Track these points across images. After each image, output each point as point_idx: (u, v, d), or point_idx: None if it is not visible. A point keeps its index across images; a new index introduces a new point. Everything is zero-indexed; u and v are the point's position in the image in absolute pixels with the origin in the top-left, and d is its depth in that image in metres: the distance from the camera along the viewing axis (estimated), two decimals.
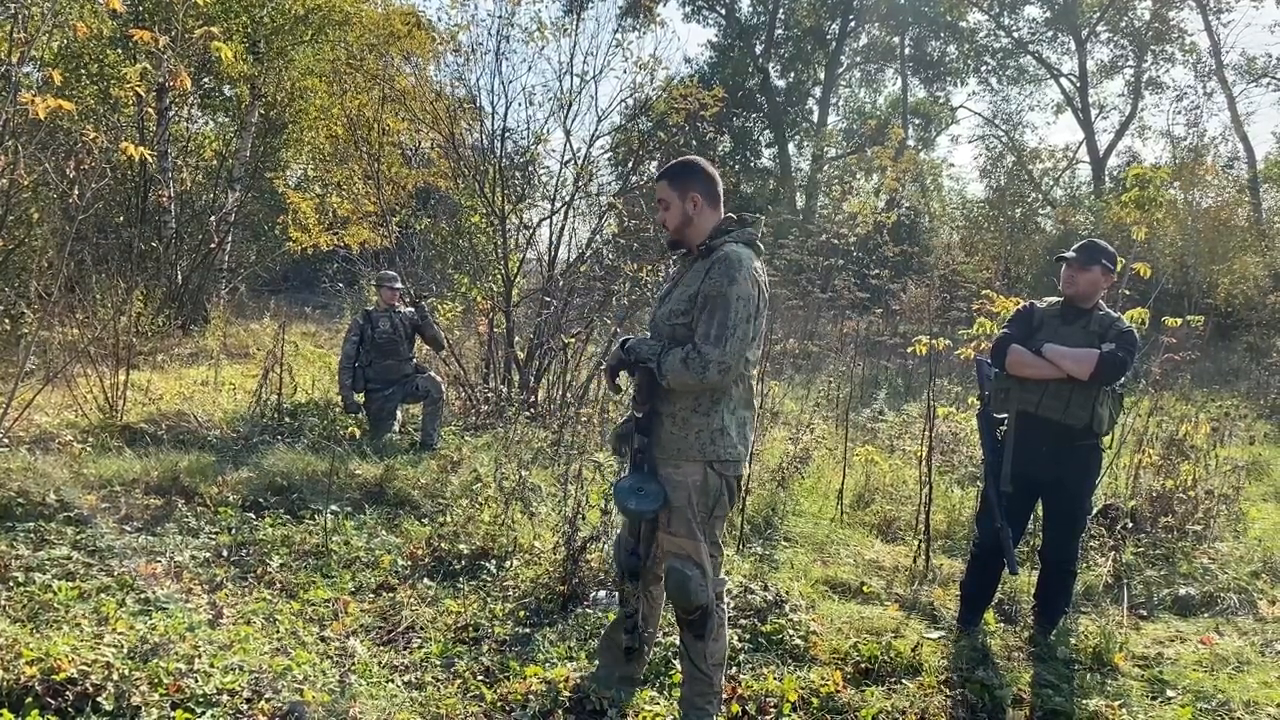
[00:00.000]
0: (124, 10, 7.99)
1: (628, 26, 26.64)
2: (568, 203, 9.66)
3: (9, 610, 3.89)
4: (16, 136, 7.09)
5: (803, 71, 35.22)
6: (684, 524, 3.18)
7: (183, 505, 5.59)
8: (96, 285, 8.45)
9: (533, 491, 5.77)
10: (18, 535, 4.79)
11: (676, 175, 3.30)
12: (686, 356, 3.04)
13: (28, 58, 8.46)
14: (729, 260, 3.09)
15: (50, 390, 6.65)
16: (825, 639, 4.07)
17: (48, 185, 9.82)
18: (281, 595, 4.35)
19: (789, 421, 8.41)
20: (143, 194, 14.02)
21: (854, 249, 12.19)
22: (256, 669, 3.46)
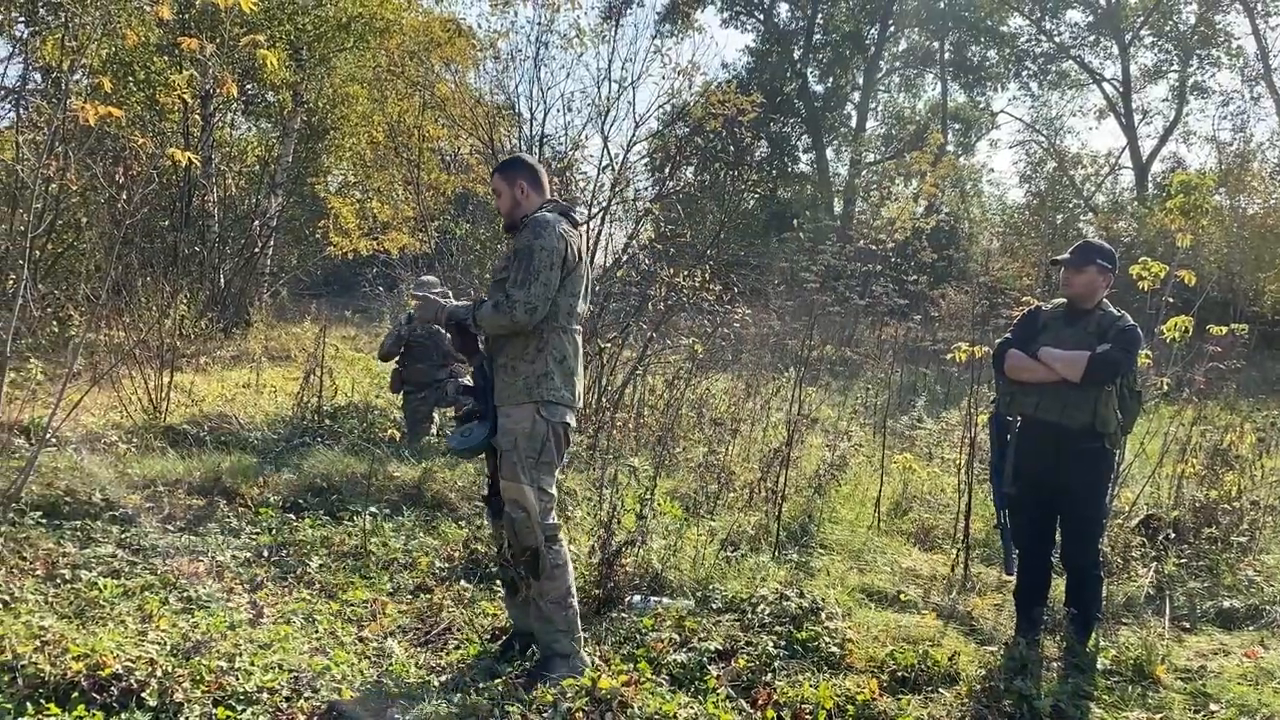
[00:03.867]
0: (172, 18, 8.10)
1: (666, 32, 26.68)
2: (605, 208, 9.69)
3: (56, 607, 3.98)
4: (67, 142, 7.24)
5: (841, 76, 35.07)
6: (511, 468, 3.50)
7: (224, 505, 5.67)
8: (142, 289, 8.59)
9: (568, 495, 5.79)
10: (65, 533, 4.88)
11: (506, 168, 3.80)
12: (497, 302, 3.46)
13: (79, 65, 8.64)
14: (537, 221, 3.55)
15: (97, 391, 6.77)
16: (861, 647, 4.04)
17: (96, 190, 10.02)
18: (320, 595, 4.40)
19: (826, 428, 8.38)
20: (187, 199, 14.26)
21: (892, 255, 12.12)
22: (296, 668, 3.51)
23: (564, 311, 3.57)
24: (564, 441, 3.64)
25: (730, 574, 4.77)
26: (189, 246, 13.63)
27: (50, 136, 6.48)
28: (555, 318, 3.55)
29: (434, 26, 15.60)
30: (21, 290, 5.48)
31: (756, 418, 8.03)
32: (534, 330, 3.50)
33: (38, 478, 5.31)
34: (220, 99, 14.29)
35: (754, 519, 5.77)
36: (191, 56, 10.85)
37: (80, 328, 7.42)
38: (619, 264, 9.79)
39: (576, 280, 3.61)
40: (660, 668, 3.75)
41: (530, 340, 3.50)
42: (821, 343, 12.02)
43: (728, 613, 4.31)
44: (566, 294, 3.56)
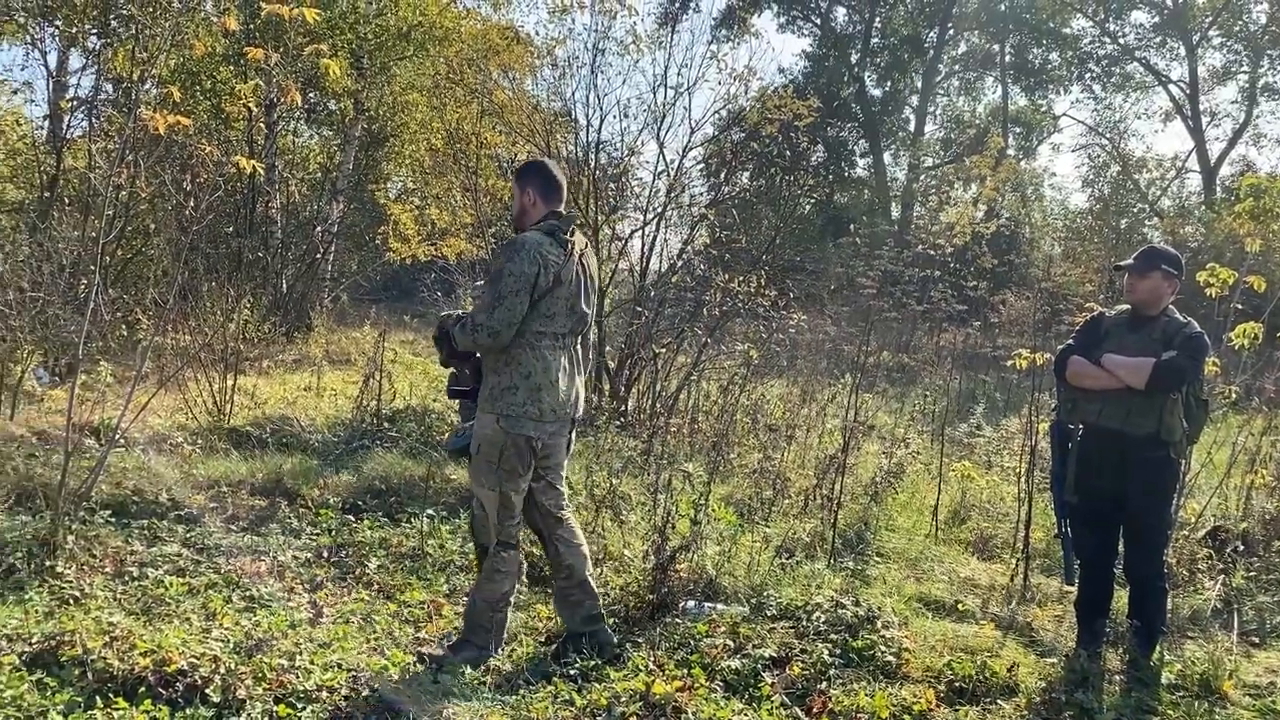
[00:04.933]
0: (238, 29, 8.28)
1: (722, 38, 26.67)
2: (660, 214, 9.70)
3: (124, 603, 4.08)
4: (137, 151, 7.45)
5: (899, 80, 34.73)
6: (474, 470, 3.74)
7: (285, 506, 5.77)
8: (207, 293, 8.79)
9: (623, 500, 5.80)
10: (133, 532, 5.00)
11: (521, 172, 3.88)
12: (464, 323, 3.62)
13: (149, 75, 8.87)
14: (513, 243, 3.65)
15: (164, 394, 6.93)
16: (918, 656, 4.00)
17: (164, 197, 10.28)
18: (379, 596, 4.46)
19: (883, 435, 8.29)
20: (252, 205, 14.56)
21: (951, 260, 11.97)
22: (354, 667, 3.56)
23: (533, 330, 3.66)
24: (527, 452, 3.73)
25: (785, 581, 4.74)
26: (253, 252, 13.92)
27: (121, 145, 6.68)
28: (523, 335, 3.66)
29: (492, 34, 15.76)
30: (93, 295, 5.63)
31: (812, 424, 7.97)
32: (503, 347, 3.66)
33: (107, 477, 5.45)
34: (284, 107, 14.57)
35: (809, 526, 5.73)
36: (256, 66, 11.08)
37: (148, 331, 7.61)
38: (674, 269, 9.79)
39: (552, 301, 3.68)
40: (714, 674, 3.75)
41: (500, 354, 3.65)
42: (878, 349, 11.90)
43: (782, 620, 4.29)
44: (539, 314, 3.65)
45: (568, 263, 3.74)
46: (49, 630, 3.60)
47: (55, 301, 7.97)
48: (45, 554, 4.32)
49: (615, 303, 9.66)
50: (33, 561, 4.25)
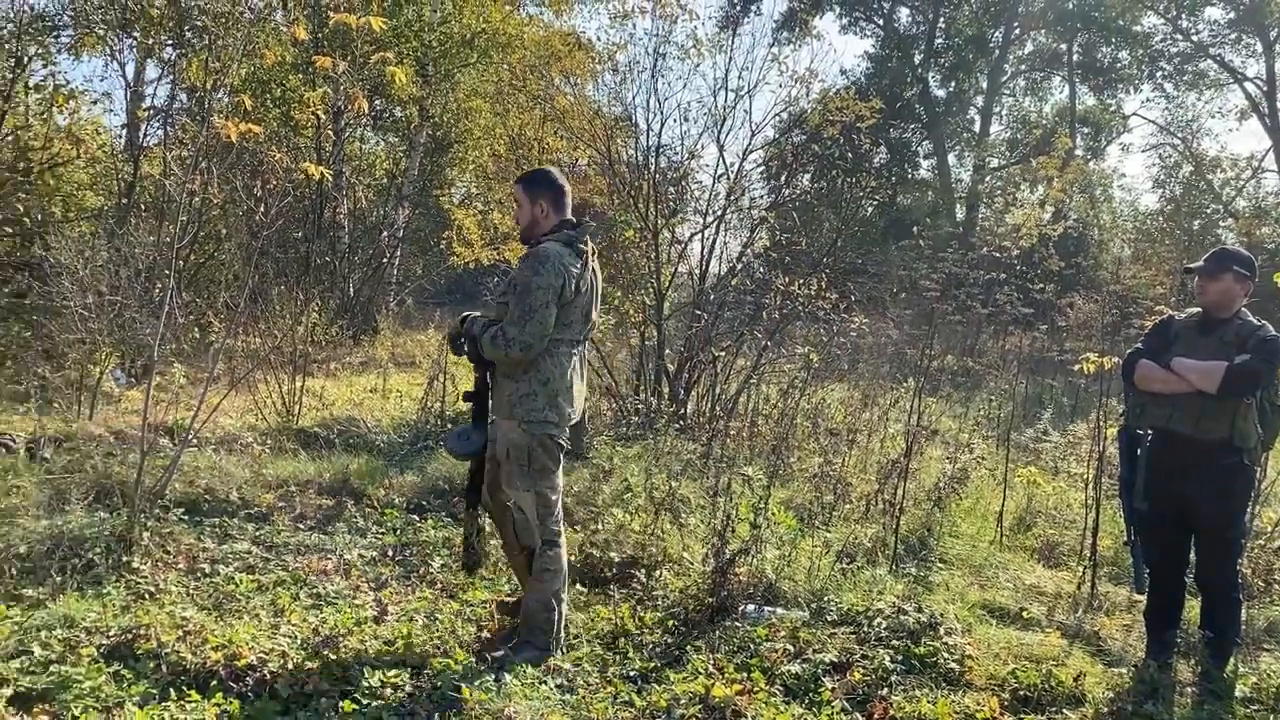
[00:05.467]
0: (306, 38, 8.49)
1: (783, 40, 26.53)
2: (719, 217, 9.69)
3: (197, 599, 4.20)
4: (209, 158, 7.65)
5: (964, 80, 34.22)
6: (507, 476, 3.75)
7: (352, 506, 5.88)
8: (277, 297, 8.98)
9: (682, 503, 5.81)
10: (205, 529, 5.14)
11: (531, 182, 3.90)
12: (494, 335, 3.62)
13: (221, 84, 9.11)
14: (538, 255, 3.65)
15: (235, 395, 7.11)
16: (981, 664, 3.94)
17: (235, 203, 10.54)
18: (442, 595, 4.52)
19: (947, 440, 8.19)
20: (320, 211, 14.85)
21: (1017, 262, 11.77)
22: (418, 665, 3.62)
23: (552, 339, 3.71)
24: (555, 449, 3.82)
25: (846, 586, 4.71)
26: (321, 257, 14.19)
27: (195, 153, 6.86)
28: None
29: (554, 40, 15.90)
30: (168, 298, 5.79)
31: (874, 429, 7.90)
32: None
33: (180, 476, 5.61)
34: (351, 115, 14.84)
35: (871, 531, 5.68)
36: (325, 74, 11.31)
37: (220, 334, 7.80)
38: (733, 272, 9.78)
39: (572, 309, 3.75)
40: (774, 678, 3.74)
41: (511, 365, 3.69)
42: (942, 352, 11.75)
43: (843, 625, 4.26)
44: (559, 323, 3.70)
45: (584, 271, 3.80)
46: (126, 624, 3.72)
47: (132, 305, 8.21)
48: (122, 550, 4.46)
49: (674, 306, 9.66)
50: (110, 557, 4.39)
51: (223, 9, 9.63)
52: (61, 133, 10.80)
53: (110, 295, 8.10)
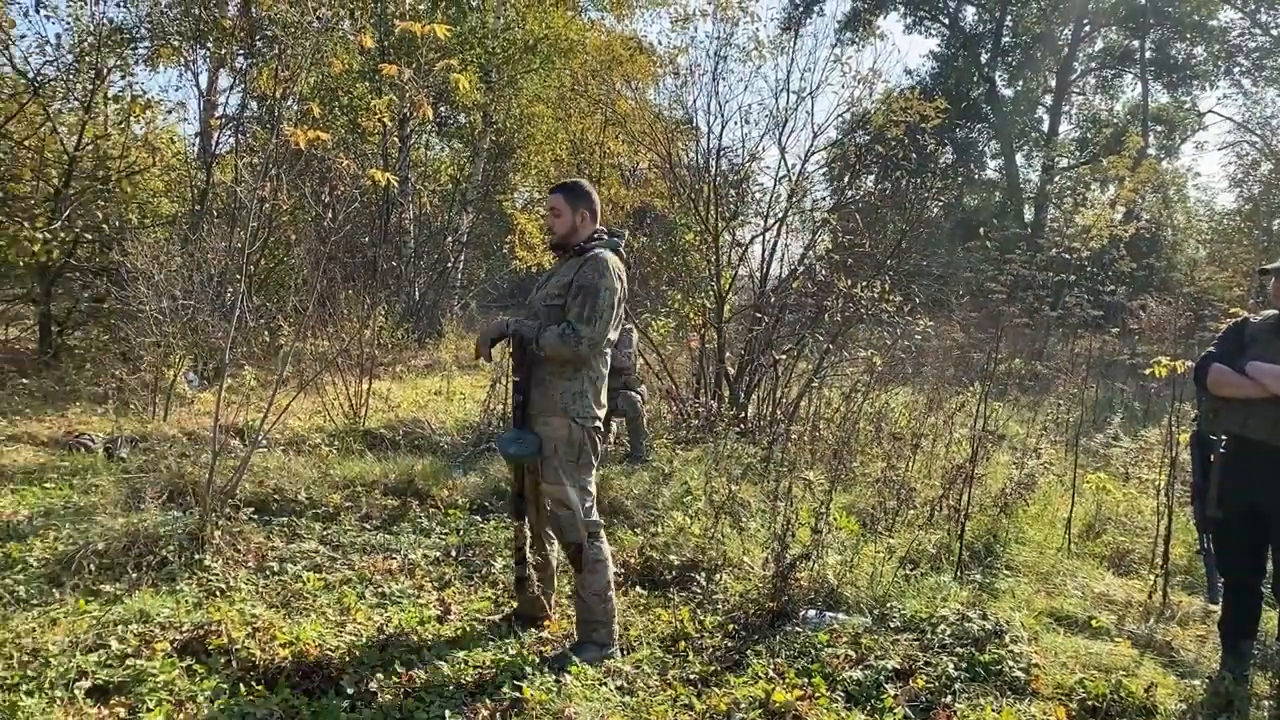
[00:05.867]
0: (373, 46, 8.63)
1: (846, 41, 26.28)
2: (781, 219, 9.65)
3: (266, 596, 4.29)
4: (279, 165, 7.82)
5: (1031, 79, 33.63)
6: (553, 472, 3.81)
7: (416, 506, 5.97)
8: (344, 301, 9.15)
9: (742, 507, 5.79)
10: (274, 528, 5.26)
11: (572, 192, 4.01)
12: (563, 332, 3.72)
13: (290, 93, 9.30)
14: (599, 259, 3.81)
15: (303, 397, 7.25)
16: (1048, 673, 3.86)
17: (304, 209, 10.76)
18: (504, 595, 4.56)
19: (1014, 445, 8.04)
20: (386, 216, 15.09)
21: (1087, 264, 11.51)
22: (480, 664, 3.66)
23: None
24: (598, 443, 3.94)
25: (909, 592, 4.65)
26: (387, 261, 14.42)
27: (265, 160, 7.02)
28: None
29: (615, 45, 15.96)
30: (238, 303, 5.93)
31: (938, 433, 7.79)
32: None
33: (250, 476, 5.74)
34: (416, 122, 15.05)
35: (935, 537, 5.60)
36: (391, 81, 11.48)
37: (289, 337, 7.97)
38: (795, 275, 9.72)
39: (618, 312, 3.91)
40: (835, 684, 3.70)
41: (569, 363, 3.81)
42: (1009, 356, 11.55)
43: (906, 632, 4.21)
44: (612, 326, 3.87)
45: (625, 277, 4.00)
46: (198, 620, 3.82)
47: (204, 309, 8.43)
48: (194, 548, 4.58)
49: (734, 309, 9.64)
50: (183, 555, 4.51)
51: (292, 19, 9.83)
52: (138, 141, 11.12)
53: (184, 300, 8.33)
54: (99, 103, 10.74)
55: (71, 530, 4.88)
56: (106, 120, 10.89)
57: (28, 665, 3.40)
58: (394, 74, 5.48)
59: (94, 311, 10.39)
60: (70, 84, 10.76)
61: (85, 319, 10.62)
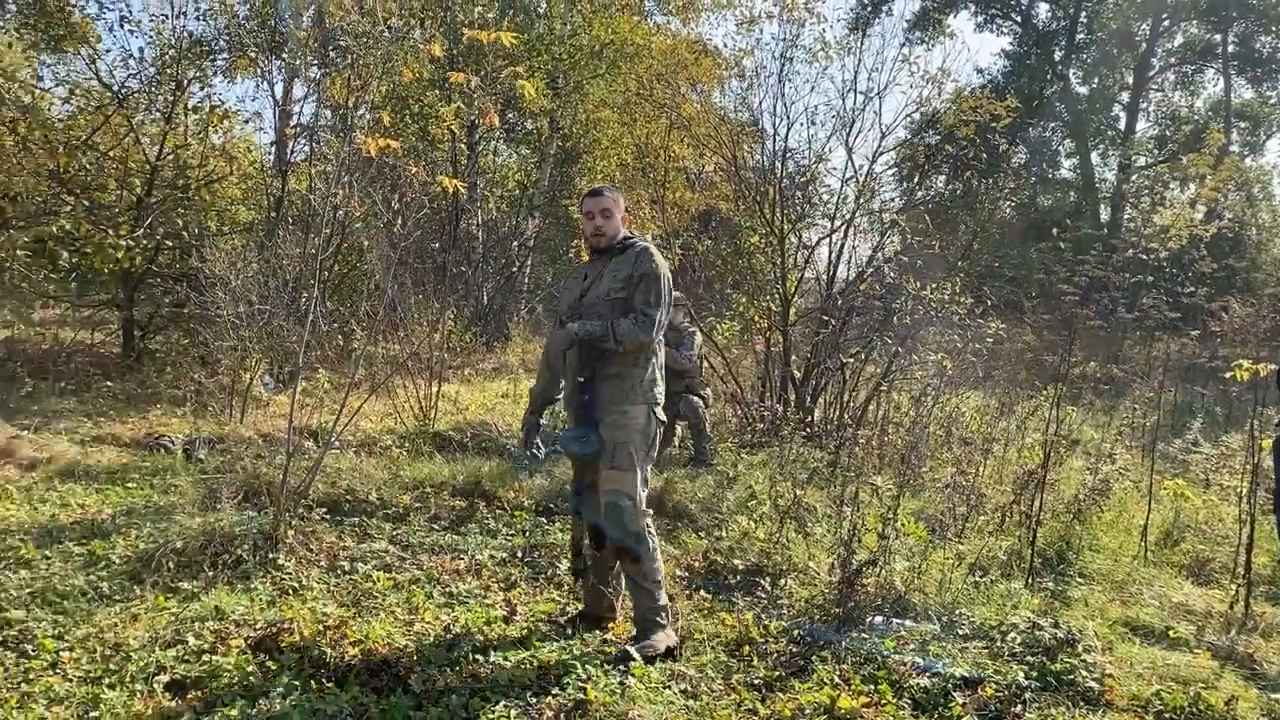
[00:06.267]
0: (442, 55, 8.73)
1: (915, 40, 25.93)
2: (848, 220, 9.56)
3: (337, 595, 4.38)
4: (351, 173, 7.97)
5: (1108, 76, 32.81)
6: (627, 458, 3.88)
7: (483, 508, 6.04)
8: (415, 305, 9.30)
9: (808, 511, 5.75)
10: (345, 528, 5.37)
11: (617, 193, 4.21)
12: (636, 319, 3.87)
13: (362, 101, 9.48)
14: (650, 250, 4.01)
15: (374, 399, 7.39)
16: (1123, 683, 3.77)
17: (376, 215, 10.96)
18: (569, 597, 4.59)
19: (1088, 450, 7.86)
20: (455, 222, 15.30)
21: (1166, 264, 11.20)
22: (545, 665, 3.69)
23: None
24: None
25: (979, 599, 4.58)
26: (456, 266, 14.61)
27: (337, 168, 7.16)
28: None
29: (681, 49, 15.97)
30: (312, 308, 6.06)
31: (1010, 438, 7.64)
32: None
33: (323, 477, 5.87)
34: (484, 129, 15.23)
35: (1006, 544, 5.51)
36: (459, 89, 11.64)
37: (361, 341, 8.12)
38: (862, 277, 9.62)
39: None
40: (902, 691, 3.66)
41: (640, 350, 3.96)
42: (1084, 359, 11.28)
43: (975, 639, 4.14)
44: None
45: None
46: (271, 617, 3.91)
47: (280, 314, 8.63)
48: (268, 547, 4.70)
49: (800, 312, 9.57)
50: (258, 554, 4.63)
51: (364, 29, 10.02)
52: (217, 151, 11.44)
53: (260, 305, 8.53)
54: (179, 113, 11.07)
55: (152, 529, 5.04)
56: (186, 130, 11.23)
57: (110, 659, 3.53)
58: (462, 82, 5.55)
59: (174, 316, 10.71)
60: (152, 96, 11.12)
61: (166, 324, 10.95)
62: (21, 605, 3.96)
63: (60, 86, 11.36)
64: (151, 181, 10.65)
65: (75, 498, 5.76)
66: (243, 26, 12.13)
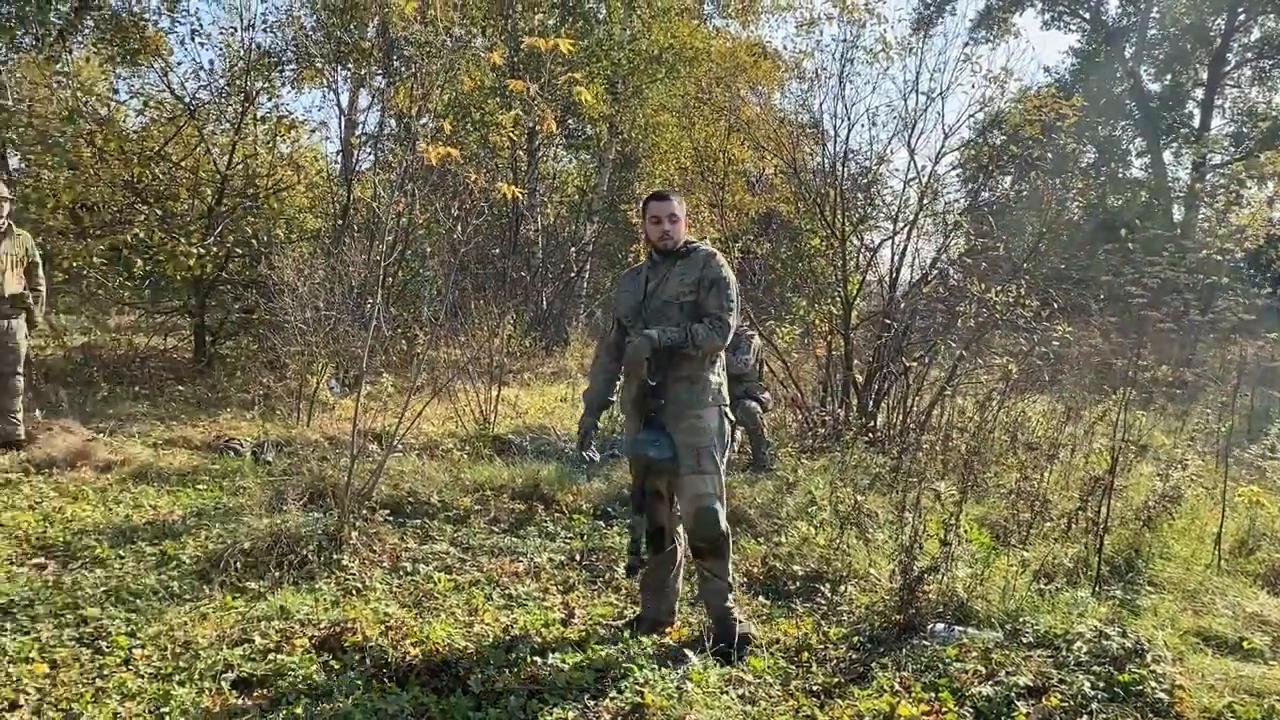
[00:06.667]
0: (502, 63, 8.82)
1: (980, 39, 25.52)
2: (911, 222, 9.45)
3: (399, 596, 4.44)
4: (414, 181, 8.10)
5: (1181, 73, 31.95)
6: (710, 461, 3.94)
7: (542, 511, 6.09)
8: (475, 311, 9.41)
9: (869, 517, 5.69)
10: (408, 530, 5.45)
11: (682, 200, 4.21)
12: (711, 324, 3.94)
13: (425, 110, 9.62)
14: (717, 255, 4.08)
15: (436, 403, 7.48)
16: (1193, 695, 3.66)
17: (438, 222, 11.10)
18: (626, 601, 4.60)
19: (1159, 456, 7.67)
20: (514, 228, 15.44)
21: (1242, 265, 10.89)
22: (602, 668, 3.70)
23: None
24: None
25: (1043, 607, 4.49)
26: (515, 271, 14.74)
27: (400, 176, 7.28)
28: None
29: (740, 52, 15.95)
30: (376, 313, 6.16)
31: (1078, 443, 7.48)
32: None
33: (386, 479, 5.96)
34: (543, 136, 15.35)
35: (1072, 551, 5.39)
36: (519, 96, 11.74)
37: (424, 346, 8.24)
38: (926, 280, 9.50)
39: None
40: (964, 700, 3.60)
41: (711, 355, 4.05)
42: (1155, 363, 11.01)
43: (1039, 648, 4.06)
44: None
45: None
46: (335, 617, 3.99)
47: (345, 319, 8.79)
48: (333, 548, 4.78)
49: (862, 315, 9.48)
50: (322, 554, 4.71)
51: (426, 38, 10.16)
52: (284, 160, 11.69)
53: (326, 310, 8.70)
54: (248, 124, 11.34)
55: (221, 530, 5.16)
56: (255, 140, 11.49)
57: (180, 657, 3.62)
58: (521, 89, 5.60)
59: (244, 322, 10.96)
60: (222, 107, 11.41)
61: (236, 329, 11.22)
62: (97, 603, 4.08)
63: (135, 99, 11.70)
64: (222, 190, 10.92)
65: (148, 499, 5.93)
66: (309, 38, 12.39)
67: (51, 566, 4.60)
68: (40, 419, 7.48)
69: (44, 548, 4.87)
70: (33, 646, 3.63)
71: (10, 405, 7.04)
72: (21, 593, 4.15)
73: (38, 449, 6.76)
